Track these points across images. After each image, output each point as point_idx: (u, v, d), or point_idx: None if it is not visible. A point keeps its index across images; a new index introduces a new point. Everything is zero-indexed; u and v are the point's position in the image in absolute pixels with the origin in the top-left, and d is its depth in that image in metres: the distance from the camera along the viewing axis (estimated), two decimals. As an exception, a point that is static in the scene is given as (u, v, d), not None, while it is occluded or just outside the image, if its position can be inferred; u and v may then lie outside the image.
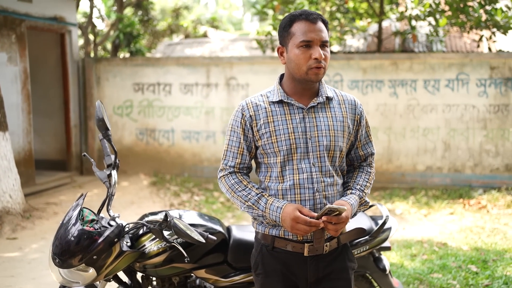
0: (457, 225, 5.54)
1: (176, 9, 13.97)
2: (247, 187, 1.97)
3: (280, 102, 1.97)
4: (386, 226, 2.64)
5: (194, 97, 8.00)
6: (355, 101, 2.06)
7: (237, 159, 2.00)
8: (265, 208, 1.91)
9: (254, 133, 1.97)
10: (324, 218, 1.79)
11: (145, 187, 7.42)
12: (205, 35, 14.53)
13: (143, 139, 8.24)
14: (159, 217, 2.32)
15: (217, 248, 2.42)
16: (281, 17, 8.18)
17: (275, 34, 8.36)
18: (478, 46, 8.03)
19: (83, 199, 2.22)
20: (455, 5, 7.28)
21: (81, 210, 2.18)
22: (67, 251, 2.08)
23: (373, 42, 10.03)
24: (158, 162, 8.17)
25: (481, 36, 7.64)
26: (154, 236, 2.29)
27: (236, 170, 2.01)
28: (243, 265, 2.43)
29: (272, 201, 1.91)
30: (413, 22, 7.84)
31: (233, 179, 2.00)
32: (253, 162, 2.09)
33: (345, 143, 2.00)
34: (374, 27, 10.06)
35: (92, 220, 2.18)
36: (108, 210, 2.29)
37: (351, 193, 1.97)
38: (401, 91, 7.23)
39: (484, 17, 7.27)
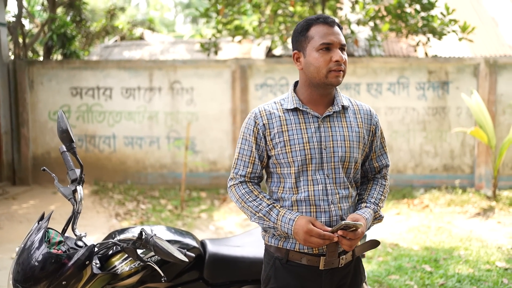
0: (405, 225, 5.70)
1: (110, 10, 13.47)
2: (258, 197, 1.90)
3: (295, 110, 1.91)
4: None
5: (136, 101, 7.72)
6: (370, 111, 2.01)
7: (248, 168, 1.93)
8: (277, 219, 1.84)
9: (267, 142, 1.90)
10: (339, 232, 1.75)
11: (87, 197, 7.06)
12: (141, 38, 14.13)
13: (82, 145, 7.84)
14: (131, 235, 2.16)
15: (192, 264, 2.29)
16: (224, 20, 8.10)
17: (219, 36, 8.25)
18: (415, 50, 8.36)
19: (48, 219, 2.02)
20: (394, 12, 7.53)
21: (46, 231, 1.97)
22: (31, 278, 1.88)
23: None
24: (99, 169, 7.81)
25: (418, 41, 7.95)
26: (125, 256, 2.12)
27: (247, 179, 1.93)
28: (220, 281, 2.32)
29: (284, 213, 1.84)
30: (355, 27, 8.03)
31: (243, 188, 1.92)
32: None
33: (360, 154, 1.95)
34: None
35: (60, 242, 1.98)
36: (73, 230, 2.10)
37: (365, 206, 1.92)
38: (346, 94, 7.35)
39: (420, 23, 7.57)
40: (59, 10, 11.20)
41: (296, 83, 1.99)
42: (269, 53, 10.20)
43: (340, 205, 1.87)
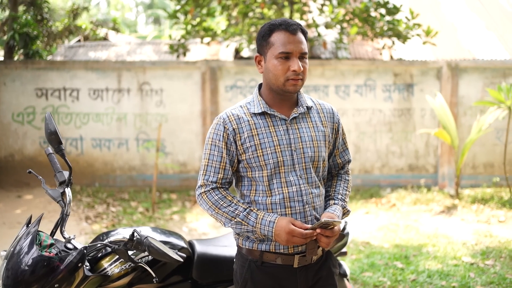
0: (374, 224, 5.85)
1: (73, 9, 13.18)
2: (233, 202, 1.89)
3: (263, 114, 1.93)
4: (344, 232, 2.70)
5: (104, 103, 7.60)
6: (332, 109, 2.07)
7: (220, 174, 1.92)
8: (256, 223, 1.85)
9: (238, 146, 1.90)
10: (318, 230, 1.79)
11: (53, 200, 6.89)
12: (105, 38, 13.88)
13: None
14: (122, 236, 2.16)
15: (181, 265, 2.30)
16: (194, 21, 8.09)
17: (188, 37, 8.23)
18: (381, 54, 8.58)
19: (38, 222, 1.99)
20: (360, 15, 7.71)
21: (37, 234, 1.95)
22: (22, 282, 1.85)
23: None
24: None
25: (384, 45, 8.17)
26: (115, 258, 2.12)
27: (218, 185, 1.92)
28: (209, 281, 2.34)
29: (263, 216, 1.85)
30: (322, 30, 8.17)
31: (216, 195, 1.90)
32: None
33: (327, 152, 2.00)
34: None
35: (51, 245, 1.96)
36: (62, 232, 2.09)
37: (334, 203, 1.98)
38: (314, 96, 7.49)
39: (386, 27, 7.78)
40: (20, 9, 10.89)
41: (260, 85, 2.01)
42: (237, 55, 10.24)
43: (314, 204, 1.91)
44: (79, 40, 13.99)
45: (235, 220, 1.87)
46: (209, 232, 5.55)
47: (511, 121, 6.72)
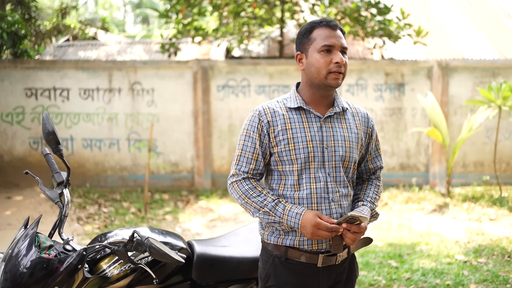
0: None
1: (62, 8, 13.05)
2: (262, 193, 1.91)
3: (298, 109, 1.95)
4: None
5: (95, 103, 7.54)
6: (367, 114, 2.09)
7: (251, 165, 1.94)
8: (283, 214, 1.86)
9: (271, 139, 1.92)
10: (344, 225, 1.79)
11: (44, 201, 6.83)
12: (94, 38, 13.77)
13: (37, 148, 7.58)
14: (121, 237, 2.14)
15: (181, 265, 2.28)
16: (185, 21, 8.06)
17: (180, 36, 8.20)
18: (371, 53, 8.62)
19: (37, 223, 1.96)
20: (351, 15, 7.74)
21: (35, 236, 1.92)
22: (21, 284, 1.82)
23: (274, 48, 10.29)
24: (55, 173, 7.55)
25: (375, 44, 8.20)
26: (114, 259, 2.10)
27: (249, 176, 1.95)
28: (209, 282, 2.33)
29: (291, 208, 1.87)
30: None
31: (246, 184, 1.93)
32: None
33: (358, 155, 2.01)
34: (273, 33, 10.32)
35: (50, 246, 1.94)
36: (60, 233, 2.06)
37: (362, 204, 1.98)
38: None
39: (377, 26, 7.82)
40: (7, 8, 10.76)
41: (298, 84, 2.05)
42: (228, 55, 10.22)
43: (340, 203, 1.93)
44: (68, 40, 13.87)
45: (263, 210, 1.89)
46: (203, 232, 5.53)
47: (501, 120, 6.79)
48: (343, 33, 1.97)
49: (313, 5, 7.92)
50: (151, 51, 10.68)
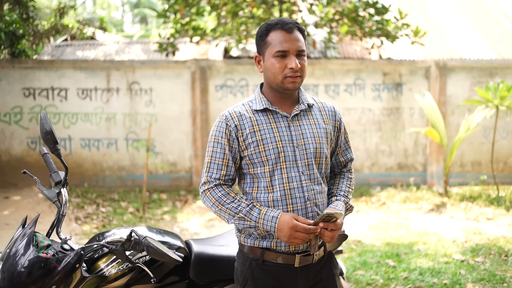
0: (365, 222, 5.88)
1: (60, 8, 13.04)
2: (236, 198, 1.90)
3: (265, 110, 1.95)
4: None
5: (93, 102, 7.54)
6: (334, 107, 2.09)
7: (222, 171, 1.92)
8: (258, 218, 1.85)
9: (240, 143, 1.91)
10: (321, 224, 1.79)
11: (42, 201, 6.83)
12: (92, 37, 13.76)
13: (35, 148, 7.57)
14: (119, 236, 2.14)
15: (178, 264, 2.29)
16: (183, 20, 8.06)
17: (178, 36, 8.20)
18: (369, 53, 8.63)
19: (35, 222, 1.97)
20: (349, 15, 7.75)
21: (33, 235, 1.93)
22: (19, 284, 1.83)
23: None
24: (53, 172, 7.55)
25: (372, 44, 8.22)
26: (112, 258, 2.10)
27: (221, 182, 1.93)
28: (206, 281, 2.34)
29: (266, 211, 1.85)
30: (311, 29, 8.19)
31: (219, 191, 1.91)
32: None
33: (329, 149, 2.02)
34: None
35: (48, 246, 1.94)
36: (58, 233, 2.07)
37: (336, 199, 1.98)
38: (304, 95, 7.50)
39: (374, 26, 7.83)
40: (5, 7, 10.74)
41: (261, 85, 2.04)
42: (226, 54, 10.22)
43: (316, 201, 1.92)
44: (66, 39, 13.85)
45: (238, 215, 1.87)
46: (201, 232, 5.54)
47: (499, 120, 6.81)
48: (302, 32, 1.93)
49: (311, 4, 7.93)
50: (149, 51, 10.68)
